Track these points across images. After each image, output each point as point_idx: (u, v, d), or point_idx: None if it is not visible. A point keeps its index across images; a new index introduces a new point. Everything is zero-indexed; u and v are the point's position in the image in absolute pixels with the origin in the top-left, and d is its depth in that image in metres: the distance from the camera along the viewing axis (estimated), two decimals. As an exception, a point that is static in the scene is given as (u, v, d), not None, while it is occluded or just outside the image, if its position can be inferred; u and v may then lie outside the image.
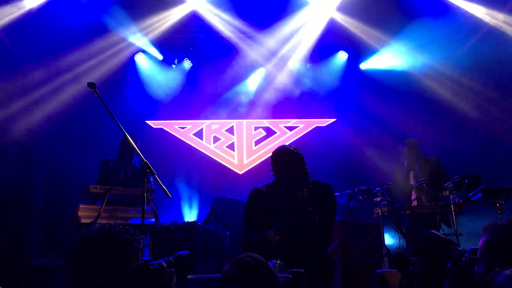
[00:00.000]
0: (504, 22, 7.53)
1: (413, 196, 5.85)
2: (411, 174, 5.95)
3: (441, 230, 5.25)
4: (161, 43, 8.48)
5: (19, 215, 7.05)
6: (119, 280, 1.68)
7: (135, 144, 5.42)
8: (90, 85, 3.82)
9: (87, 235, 1.76)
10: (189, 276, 3.54)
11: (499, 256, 1.76)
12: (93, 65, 7.91)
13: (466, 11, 7.66)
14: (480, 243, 1.86)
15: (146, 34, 8.15)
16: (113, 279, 1.67)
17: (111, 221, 4.15)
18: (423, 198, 5.63)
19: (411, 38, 7.98)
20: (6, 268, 6.49)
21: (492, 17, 7.57)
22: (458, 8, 7.66)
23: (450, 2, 7.69)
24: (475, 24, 7.65)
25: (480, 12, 7.62)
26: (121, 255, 1.71)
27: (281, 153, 3.52)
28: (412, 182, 5.88)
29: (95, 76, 7.63)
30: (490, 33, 7.60)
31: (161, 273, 1.78)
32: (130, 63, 8.64)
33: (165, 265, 1.82)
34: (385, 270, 4.88)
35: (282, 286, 1.88)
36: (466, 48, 7.78)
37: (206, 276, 5.12)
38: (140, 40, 8.23)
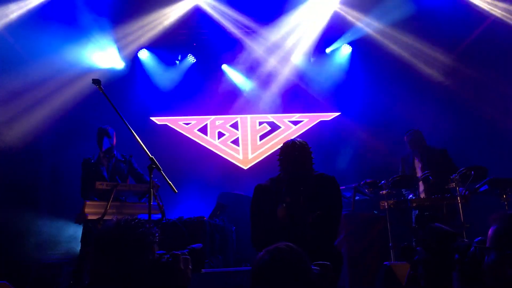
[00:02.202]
0: (509, 12, 7.48)
1: (421, 188, 5.83)
2: (418, 166, 5.93)
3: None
4: (164, 39, 8.47)
5: (27, 212, 7.08)
6: (136, 272, 1.70)
7: (112, 135, 5.47)
8: (95, 81, 3.84)
9: (105, 229, 1.79)
10: (203, 270, 3.54)
11: (511, 245, 1.75)
12: (96, 62, 7.94)
13: (470, 2, 7.61)
14: (489, 232, 1.85)
15: (149, 30, 8.14)
16: (129, 272, 1.69)
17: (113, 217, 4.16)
18: (429, 190, 5.61)
19: (414, 29, 7.95)
20: (15, 265, 6.53)
21: (497, 7, 7.52)
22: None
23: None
24: (480, 14, 7.60)
25: (484, 3, 7.57)
26: (137, 248, 1.74)
27: (289, 147, 3.51)
28: (419, 174, 5.86)
29: (99, 72, 7.64)
30: (495, 24, 7.56)
31: (177, 263, 1.79)
32: (134, 60, 8.64)
33: (180, 254, 1.83)
34: (392, 262, 4.88)
35: (315, 277, 1.88)
36: (470, 39, 7.76)
37: (220, 270, 5.15)
38: (143, 37, 8.22)
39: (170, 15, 8.02)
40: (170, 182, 3.82)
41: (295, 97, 8.85)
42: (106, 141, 5.47)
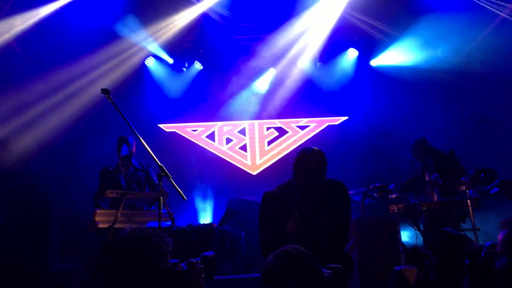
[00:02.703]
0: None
1: (430, 191, 5.79)
2: (426, 171, 5.90)
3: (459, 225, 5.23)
4: (171, 47, 8.51)
5: (38, 220, 7.13)
6: (149, 281, 1.71)
7: (132, 144, 5.52)
8: (104, 91, 3.86)
9: (119, 238, 1.81)
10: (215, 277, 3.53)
11: None
12: (105, 71, 7.99)
13: (477, 2, 7.58)
14: (499, 237, 1.84)
15: (156, 38, 8.19)
16: (143, 281, 1.71)
17: (128, 225, 4.17)
18: (439, 193, 5.57)
19: (421, 33, 7.94)
20: (26, 272, 6.57)
21: (504, 7, 7.48)
22: (467, 1, 7.59)
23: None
24: (488, 15, 7.56)
25: (492, 3, 7.54)
26: (151, 257, 1.76)
27: (307, 157, 3.47)
28: (427, 178, 5.83)
29: (108, 81, 7.69)
30: (501, 25, 7.52)
31: (192, 271, 1.81)
32: (141, 68, 8.70)
33: (195, 262, 1.85)
34: (403, 267, 4.85)
35: (325, 279, 1.88)
36: (477, 41, 7.73)
37: (230, 277, 5.14)
38: (150, 45, 8.27)
39: (177, 23, 8.06)
40: (179, 190, 3.82)
41: (302, 101, 8.85)
42: (125, 149, 5.54)
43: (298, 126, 8.98)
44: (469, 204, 5.04)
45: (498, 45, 7.50)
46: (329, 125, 8.91)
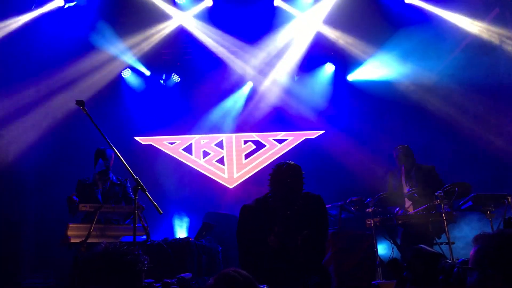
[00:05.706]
0: (487, 30, 7.65)
1: (407, 204, 5.82)
2: (406, 182, 5.93)
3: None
4: (148, 59, 8.48)
5: (9, 235, 6.94)
6: None
7: (110, 158, 5.37)
8: (79, 102, 3.82)
9: (92, 255, 1.75)
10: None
11: (492, 265, 1.77)
12: (80, 83, 7.88)
13: (450, 21, 7.78)
14: (471, 252, 1.88)
15: (133, 50, 8.14)
16: None
17: (101, 240, 4.08)
18: (415, 207, 5.61)
19: (396, 48, 8.08)
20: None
21: (475, 26, 7.69)
22: (442, 18, 7.78)
23: (434, 12, 7.80)
24: (459, 33, 7.76)
25: (464, 22, 7.75)
26: (126, 277, 1.70)
27: (283, 172, 3.47)
28: (406, 190, 5.83)
29: (83, 93, 7.58)
30: (474, 42, 7.72)
31: None
32: (118, 80, 8.62)
33: (169, 283, 1.82)
34: (380, 281, 4.87)
35: None
36: (451, 56, 7.91)
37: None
38: (127, 57, 8.21)
39: (154, 35, 8.04)
40: (155, 203, 3.77)
41: (280, 115, 8.88)
42: (101, 163, 5.37)
43: (275, 140, 8.99)
44: (444, 218, 5.09)
45: (471, 61, 7.69)
46: (306, 139, 8.95)
